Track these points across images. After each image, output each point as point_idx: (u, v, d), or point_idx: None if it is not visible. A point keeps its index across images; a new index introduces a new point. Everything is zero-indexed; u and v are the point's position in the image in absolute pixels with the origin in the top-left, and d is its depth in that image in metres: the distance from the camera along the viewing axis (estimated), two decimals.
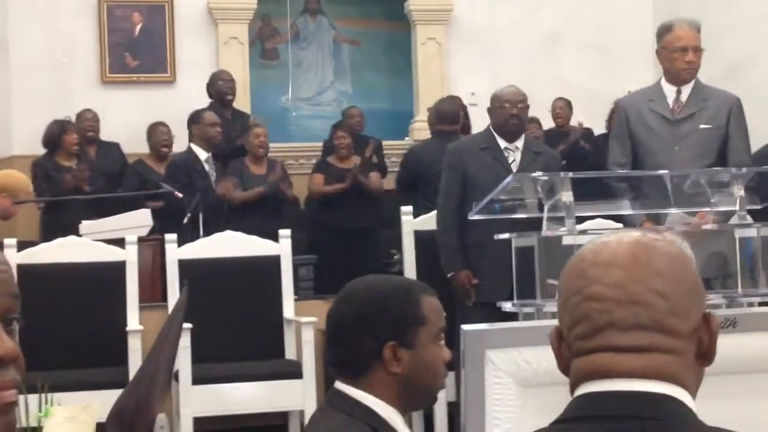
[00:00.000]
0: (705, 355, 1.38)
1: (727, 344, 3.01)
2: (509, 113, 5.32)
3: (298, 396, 5.42)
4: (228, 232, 5.94)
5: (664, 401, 1.33)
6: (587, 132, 8.84)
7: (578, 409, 1.36)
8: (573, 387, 1.40)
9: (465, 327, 3.24)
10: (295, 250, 6.04)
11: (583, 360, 1.37)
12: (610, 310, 1.35)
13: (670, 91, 4.76)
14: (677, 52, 4.69)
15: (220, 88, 8.21)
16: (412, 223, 5.75)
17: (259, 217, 6.90)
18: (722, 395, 2.38)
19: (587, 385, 1.37)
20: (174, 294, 5.59)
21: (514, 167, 5.25)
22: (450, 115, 6.97)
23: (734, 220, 4.12)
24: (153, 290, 6.10)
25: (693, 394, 1.38)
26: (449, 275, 5.31)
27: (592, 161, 8.08)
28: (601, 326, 1.36)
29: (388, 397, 2.11)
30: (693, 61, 4.69)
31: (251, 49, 9.78)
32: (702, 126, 4.71)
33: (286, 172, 7.64)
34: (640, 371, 1.33)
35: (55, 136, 7.48)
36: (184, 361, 5.20)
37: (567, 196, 3.86)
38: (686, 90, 4.75)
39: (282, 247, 5.85)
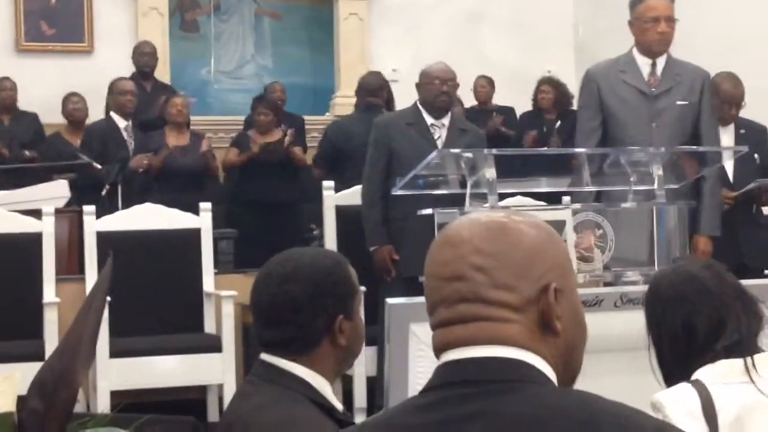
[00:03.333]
0: (547, 325, 1.40)
1: (642, 319, 3.06)
2: (439, 90, 5.34)
3: (217, 370, 5.40)
4: (147, 205, 5.88)
5: (497, 362, 1.37)
6: (508, 112, 8.90)
7: (432, 379, 1.41)
8: None
9: (389, 300, 3.27)
10: (215, 223, 6.00)
11: (432, 336, 1.43)
12: (439, 287, 1.41)
13: (644, 63, 4.63)
14: (649, 23, 4.54)
15: (139, 59, 8.15)
16: (334, 197, 5.75)
17: (179, 189, 6.83)
18: (641, 370, 2.43)
19: (441, 357, 1.42)
20: (92, 266, 5.52)
21: (440, 143, 5.27)
22: (373, 89, 6.96)
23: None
24: (70, 263, 6.02)
25: (552, 362, 1.40)
26: (371, 249, 5.32)
27: (514, 143, 8.15)
28: (436, 302, 1.42)
29: (326, 369, 2.13)
30: (666, 32, 4.54)
31: (171, 20, 9.65)
32: (678, 102, 4.62)
33: (210, 145, 7.62)
34: (468, 339, 1.38)
35: None
36: (101, 334, 5.13)
37: (490, 173, 3.88)
38: (660, 63, 4.63)
39: (202, 220, 5.80)
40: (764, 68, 7.21)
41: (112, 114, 7.10)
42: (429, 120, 5.38)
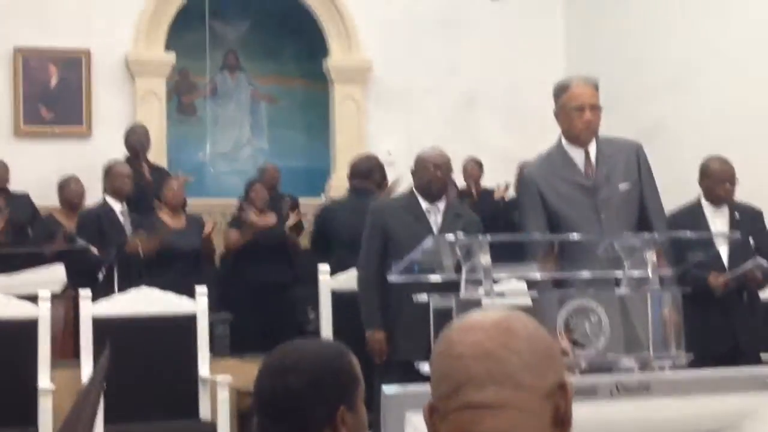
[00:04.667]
0: (562, 421, 1.42)
1: (640, 408, 3.07)
2: (433, 175, 5.39)
3: None
4: (143, 289, 5.88)
5: None
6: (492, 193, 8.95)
7: None
8: None
9: (385, 389, 3.26)
10: (211, 306, 6.00)
11: (448, 422, 1.43)
12: (468, 366, 1.42)
13: (576, 153, 4.44)
14: (575, 111, 4.37)
15: (134, 141, 8.20)
16: (329, 281, 5.76)
17: (174, 272, 6.83)
18: None
19: None
20: (88, 351, 5.50)
21: (436, 228, 5.31)
22: (364, 172, 6.99)
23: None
24: (65, 347, 6.00)
25: None
26: (367, 332, 5.33)
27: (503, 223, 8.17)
28: (461, 382, 1.42)
29: None
30: (591, 121, 4.37)
31: (168, 103, 9.76)
32: (621, 186, 4.46)
33: (204, 225, 7.62)
34: (494, 430, 1.38)
35: None
36: (96, 421, 5.09)
37: (485, 258, 3.90)
38: (592, 149, 4.44)
39: (198, 304, 5.80)
40: (744, 151, 7.28)
41: (108, 197, 7.11)
42: (424, 205, 5.42)
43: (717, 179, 5.51)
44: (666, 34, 9.22)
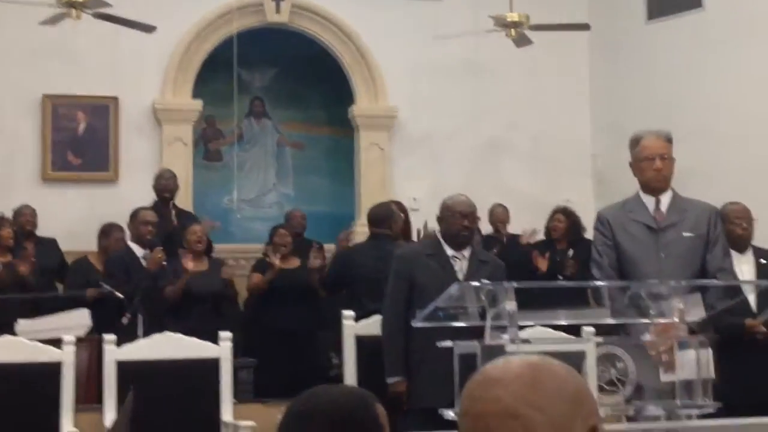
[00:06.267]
0: None
1: None
2: (461, 224, 5.40)
3: None
4: (167, 334, 5.87)
5: None
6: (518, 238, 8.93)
7: None
8: None
9: None
10: (235, 351, 5.98)
11: None
12: (489, 426, 1.38)
13: (649, 201, 4.78)
14: (645, 162, 4.72)
15: (160, 185, 8.26)
16: (354, 327, 5.74)
17: (198, 316, 6.84)
18: None
19: None
20: (111, 396, 5.48)
21: (461, 275, 5.29)
22: (380, 218, 7.04)
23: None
24: (88, 391, 6.00)
25: None
26: (389, 381, 5.30)
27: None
28: None
29: None
30: (661, 169, 4.71)
31: (195, 149, 9.82)
32: (685, 234, 4.73)
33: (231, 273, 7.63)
34: None
35: None
36: None
37: (510, 305, 3.89)
38: (665, 200, 4.78)
39: (222, 349, 5.78)
40: None
41: (130, 243, 7.13)
42: (450, 252, 5.41)
43: (731, 219, 5.53)
44: (689, 80, 9.23)
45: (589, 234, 6.58)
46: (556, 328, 5.27)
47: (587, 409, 1.42)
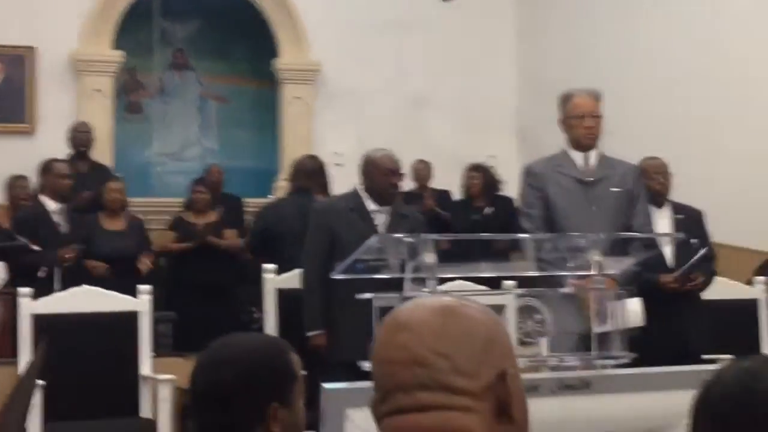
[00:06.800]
0: (504, 412, 1.38)
1: (581, 406, 3.07)
2: (390, 181, 5.39)
3: None
4: (85, 287, 5.79)
5: None
6: (442, 195, 8.95)
7: None
8: None
9: (325, 386, 3.23)
10: (154, 306, 5.92)
11: (383, 425, 1.40)
12: (396, 373, 1.38)
13: (577, 156, 4.88)
14: (576, 119, 4.82)
15: (75, 138, 8.09)
16: (275, 280, 5.71)
17: (115, 274, 6.76)
18: None
19: None
20: (26, 350, 5.40)
21: (382, 229, 5.28)
22: (308, 172, 6.98)
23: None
24: (3, 346, 5.90)
25: None
26: (308, 334, 5.29)
27: (453, 227, 8.17)
28: (390, 389, 1.38)
29: None
30: (591, 127, 4.82)
31: (115, 102, 9.65)
32: (613, 189, 4.85)
33: (145, 230, 7.52)
34: (428, 429, 1.35)
35: None
36: (34, 420, 5.02)
37: (430, 257, 3.89)
38: (593, 156, 4.88)
39: (140, 302, 5.72)
40: (689, 155, 7.39)
41: (41, 197, 6.93)
42: (370, 206, 5.39)
43: (650, 174, 5.60)
44: (614, 38, 9.29)
45: (511, 189, 6.62)
46: (480, 282, 5.30)
47: (497, 354, 1.41)
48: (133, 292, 5.72)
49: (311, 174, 6.92)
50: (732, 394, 1.65)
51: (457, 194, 8.95)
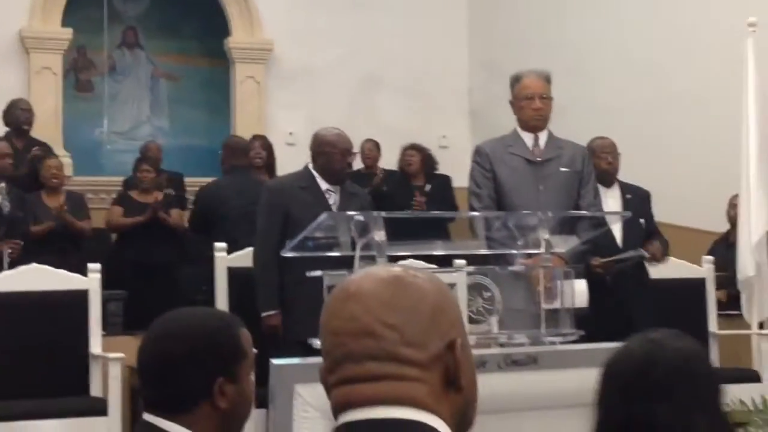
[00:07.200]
0: (452, 381, 1.40)
1: (528, 381, 3.11)
2: (342, 162, 5.41)
3: None
4: (34, 265, 5.74)
5: (402, 425, 1.36)
6: (392, 175, 8.97)
7: None
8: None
9: (274, 361, 3.25)
10: (104, 284, 5.89)
11: (332, 395, 1.42)
12: (345, 343, 1.39)
13: (527, 137, 4.95)
14: (525, 100, 4.89)
15: (16, 116, 7.97)
16: (225, 259, 5.69)
17: (57, 251, 6.73)
18: (525, 430, 2.45)
19: (340, 417, 1.40)
20: None
21: (335, 208, 5.28)
22: (243, 149, 7.07)
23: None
24: None
25: (451, 421, 1.40)
26: (263, 314, 5.29)
27: (392, 202, 8.17)
28: (339, 360, 1.40)
29: (207, 431, 2.09)
30: (540, 108, 4.89)
31: (65, 80, 9.55)
32: (562, 169, 4.92)
33: (85, 204, 7.47)
34: (375, 398, 1.37)
35: None
36: None
37: (379, 235, 3.91)
38: (542, 137, 4.95)
39: (90, 281, 5.69)
40: (638, 136, 7.46)
41: None
42: (323, 185, 5.40)
43: (599, 154, 5.66)
44: (565, 20, 9.34)
45: (462, 169, 6.64)
46: (431, 260, 5.33)
47: (446, 323, 1.42)
48: (77, 268, 5.68)
49: (244, 151, 7.02)
50: (636, 364, 1.78)
51: None
